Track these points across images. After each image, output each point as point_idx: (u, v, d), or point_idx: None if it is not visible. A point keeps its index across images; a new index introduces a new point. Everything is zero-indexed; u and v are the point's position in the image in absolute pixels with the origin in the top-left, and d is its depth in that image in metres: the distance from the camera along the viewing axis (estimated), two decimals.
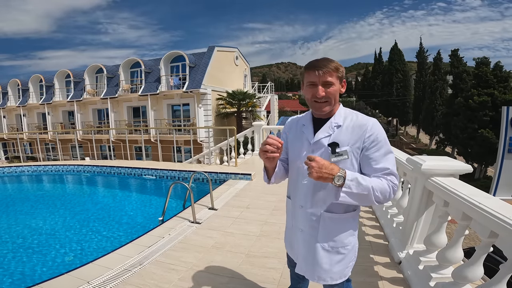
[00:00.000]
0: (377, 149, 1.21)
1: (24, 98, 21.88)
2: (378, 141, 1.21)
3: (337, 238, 1.31)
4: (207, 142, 11.88)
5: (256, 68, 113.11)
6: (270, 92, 23.72)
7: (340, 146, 1.23)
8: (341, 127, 1.26)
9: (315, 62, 1.23)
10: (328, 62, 1.21)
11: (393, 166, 1.22)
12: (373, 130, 1.21)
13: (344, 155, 1.21)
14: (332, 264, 1.32)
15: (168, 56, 16.47)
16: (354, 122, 1.25)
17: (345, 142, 1.23)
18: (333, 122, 1.27)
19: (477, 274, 1.56)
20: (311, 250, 1.34)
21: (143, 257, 2.78)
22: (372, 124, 1.22)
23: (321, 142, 1.27)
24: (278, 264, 2.58)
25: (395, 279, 2.25)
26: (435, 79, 28.11)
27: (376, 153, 1.21)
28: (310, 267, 1.36)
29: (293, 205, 1.42)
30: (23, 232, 4.32)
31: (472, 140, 18.54)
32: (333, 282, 1.35)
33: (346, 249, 1.32)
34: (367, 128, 1.22)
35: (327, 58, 1.25)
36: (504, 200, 1.51)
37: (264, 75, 67.73)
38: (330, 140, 1.25)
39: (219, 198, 4.68)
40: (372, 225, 3.37)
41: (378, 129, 1.23)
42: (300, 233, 1.38)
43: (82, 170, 7.97)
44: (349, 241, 1.33)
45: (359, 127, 1.23)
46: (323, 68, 1.19)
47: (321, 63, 1.21)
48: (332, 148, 1.23)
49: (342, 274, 1.35)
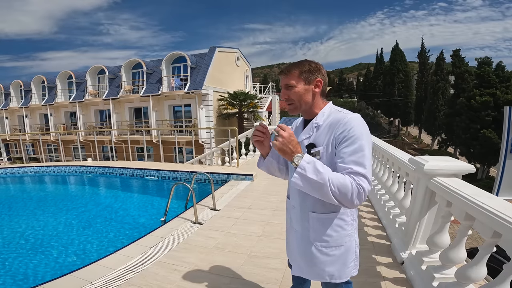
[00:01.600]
0: (346, 145, 1.11)
1: (26, 99, 21.99)
2: (349, 137, 1.11)
3: (328, 238, 1.27)
4: (209, 143, 11.85)
5: (257, 69, 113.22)
6: (271, 93, 23.73)
7: (316, 146, 1.21)
8: (320, 126, 1.23)
9: (285, 66, 1.26)
10: (292, 65, 1.23)
11: (361, 166, 1.08)
12: (346, 126, 1.13)
13: (317, 155, 1.20)
14: (327, 264, 1.29)
15: (169, 57, 16.52)
16: (331, 120, 1.20)
17: (321, 142, 1.21)
18: (313, 123, 1.26)
19: (480, 274, 1.55)
20: (306, 250, 1.33)
21: (146, 257, 2.78)
22: (347, 120, 1.14)
23: (303, 143, 1.26)
24: (280, 264, 2.58)
25: (397, 279, 2.25)
26: (437, 79, 28.05)
27: (345, 149, 1.11)
28: (307, 267, 1.35)
29: (288, 205, 1.45)
30: (25, 232, 4.34)
31: (475, 140, 18.49)
32: (332, 281, 1.33)
33: (339, 249, 1.29)
34: (340, 124, 1.15)
35: (300, 61, 1.26)
36: (507, 200, 1.51)
37: (265, 76, 67.73)
38: (310, 141, 1.24)
39: (221, 199, 4.68)
40: (374, 226, 3.37)
41: (352, 124, 1.12)
42: (294, 233, 1.39)
43: (84, 171, 8.00)
44: (343, 240, 1.29)
45: (334, 124, 1.17)
46: (285, 71, 1.23)
47: (286, 67, 1.24)
48: (308, 149, 1.23)
49: (341, 274, 1.31)
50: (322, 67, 1.26)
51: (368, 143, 1.13)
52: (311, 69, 1.22)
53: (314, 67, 1.23)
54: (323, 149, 1.19)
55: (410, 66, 39.75)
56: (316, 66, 1.24)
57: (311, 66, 1.23)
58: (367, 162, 1.10)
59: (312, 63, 1.24)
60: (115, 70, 18.98)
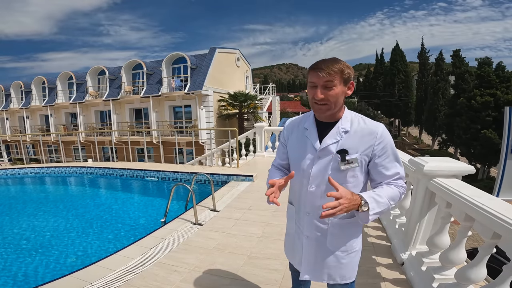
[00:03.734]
0: (387, 156, 1.21)
1: (27, 100, 22.01)
2: (387, 148, 1.21)
3: (346, 242, 1.30)
4: (209, 143, 11.86)
5: (258, 70, 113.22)
6: (271, 94, 23.73)
7: (349, 153, 1.19)
8: (349, 132, 1.21)
9: (319, 62, 1.16)
10: (332, 63, 1.14)
11: (402, 170, 1.25)
12: (383, 137, 1.20)
13: (355, 163, 1.18)
14: (341, 267, 1.32)
15: (169, 58, 16.54)
16: (362, 128, 1.21)
17: (353, 149, 1.19)
18: (340, 127, 1.22)
19: (480, 275, 1.56)
20: (320, 255, 1.33)
21: (146, 258, 2.78)
22: (381, 131, 1.20)
23: (329, 148, 1.21)
24: (280, 265, 2.58)
25: (397, 280, 2.24)
26: (437, 80, 28.03)
27: (386, 159, 1.21)
28: (318, 271, 1.35)
29: (297, 212, 1.38)
30: (26, 233, 4.34)
31: (475, 140, 18.46)
32: (343, 282, 1.35)
33: (354, 251, 1.33)
34: (377, 135, 1.19)
35: (335, 58, 1.17)
36: (507, 201, 1.51)
37: (266, 77, 67.82)
38: (338, 147, 1.20)
39: (221, 200, 4.68)
40: (375, 226, 3.36)
41: (387, 135, 1.21)
42: (306, 240, 1.34)
43: (85, 172, 8.00)
44: (356, 244, 1.33)
45: (369, 134, 1.20)
46: (325, 69, 1.12)
47: (324, 64, 1.13)
48: (341, 155, 1.19)
49: (351, 275, 1.35)
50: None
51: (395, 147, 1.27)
52: (350, 71, 1.17)
53: (351, 69, 1.17)
54: (360, 156, 1.20)
55: (411, 67, 39.74)
56: (350, 68, 1.18)
57: (349, 68, 1.17)
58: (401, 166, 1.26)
59: (345, 64, 1.16)
60: (115, 71, 19.01)
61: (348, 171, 1.20)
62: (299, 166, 1.30)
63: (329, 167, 1.22)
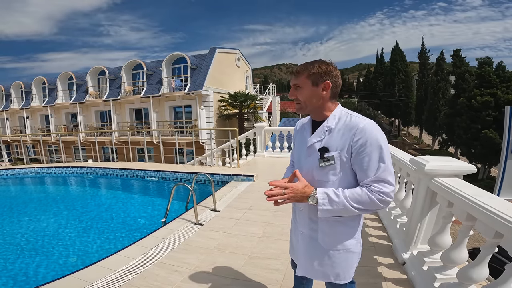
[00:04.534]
0: (366, 154, 1.14)
1: (27, 100, 22.03)
2: (366, 146, 1.13)
3: (337, 239, 1.30)
4: (209, 143, 11.86)
5: (258, 70, 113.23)
6: (271, 94, 23.74)
7: (329, 150, 1.20)
8: (333, 130, 1.22)
9: (298, 66, 1.26)
10: (305, 66, 1.22)
11: (386, 172, 1.13)
12: (362, 134, 1.13)
13: (331, 160, 1.19)
14: (334, 265, 1.32)
15: (169, 58, 16.55)
16: (346, 125, 1.19)
17: (333, 146, 1.20)
18: (325, 126, 1.24)
19: (482, 275, 1.55)
20: (313, 251, 1.35)
21: (146, 258, 2.78)
22: (362, 127, 1.14)
23: (314, 146, 1.26)
24: (281, 265, 2.57)
25: (399, 280, 2.24)
26: (438, 80, 28.03)
27: (365, 158, 1.14)
28: (312, 267, 1.36)
29: (294, 208, 1.45)
30: (26, 233, 4.34)
31: (476, 140, 18.45)
32: (337, 281, 1.34)
33: (348, 250, 1.32)
34: (356, 131, 1.15)
35: (312, 61, 1.23)
36: (508, 200, 1.50)
37: (266, 77, 67.76)
38: (322, 145, 1.23)
39: (222, 200, 4.68)
40: (375, 226, 3.36)
41: (368, 132, 1.13)
42: (301, 235, 1.39)
43: (85, 172, 8.00)
44: (350, 242, 1.31)
45: (349, 130, 1.17)
46: (294, 71, 1.24)
47: (298, 68, 1.24)
48: (321, 153, 1.22)
49: (346, 275, 1.34)
50: (333, 69, 1.21)
51: (384, 147, 1.15)
52: (320, 72, 1.19)
53: (324, 69, 1.19)
54: (338, 154, 1.19)
55: (411, 67, 39.75)
56: (326, 68, 1.19)
57: (321, 69, 1.19)
58: (386, 167, 1.14)
59: (323, 65, 1.19)
60: (115, 71, 19.02)
61: (328, 169, 1.21)
62: (297, 164, 1.39)
63: (314, 164, 1.26)
